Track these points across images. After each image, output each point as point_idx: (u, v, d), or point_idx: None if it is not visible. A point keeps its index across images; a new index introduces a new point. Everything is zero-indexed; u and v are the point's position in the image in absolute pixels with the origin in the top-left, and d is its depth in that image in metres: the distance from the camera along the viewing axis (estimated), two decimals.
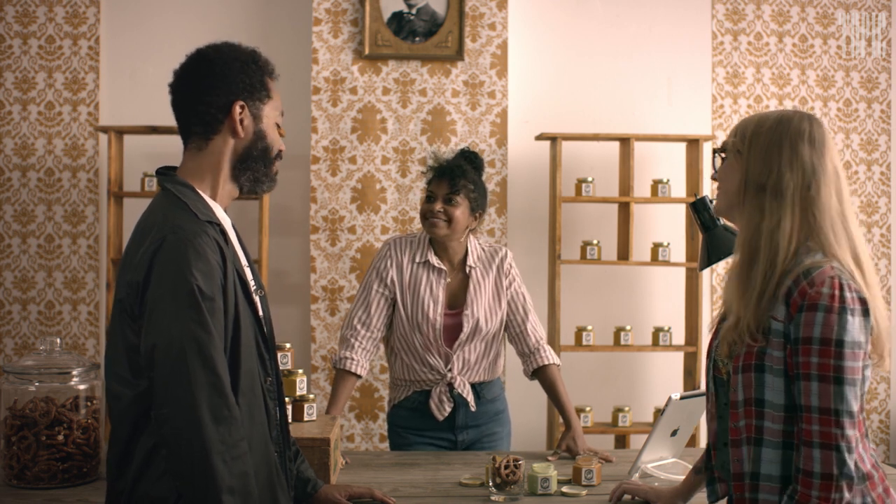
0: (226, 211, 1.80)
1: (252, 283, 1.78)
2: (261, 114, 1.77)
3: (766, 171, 1.66)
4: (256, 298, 1.77)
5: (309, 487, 2.07)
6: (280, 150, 1.83)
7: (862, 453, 1.60)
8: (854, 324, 1.56)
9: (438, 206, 2.68)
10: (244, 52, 1.78)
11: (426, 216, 2.70)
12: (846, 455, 1.54)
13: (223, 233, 1.72)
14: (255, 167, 1.78)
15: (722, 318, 1.80)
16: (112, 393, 1.64)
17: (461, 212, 2.69)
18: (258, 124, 1.77)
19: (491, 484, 2.18)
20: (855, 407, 1.56)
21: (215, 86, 1.72)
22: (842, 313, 1.55)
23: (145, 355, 1.58)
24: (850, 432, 1.55)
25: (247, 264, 1.81)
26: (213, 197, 1.76)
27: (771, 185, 1.65)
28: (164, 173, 1.77)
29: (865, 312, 1.58)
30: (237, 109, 1.73)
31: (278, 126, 1.83)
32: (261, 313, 1.78)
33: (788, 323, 1.59)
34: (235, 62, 1.74)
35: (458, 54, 4.19)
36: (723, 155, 1.77)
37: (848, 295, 1.57)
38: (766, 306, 1.62)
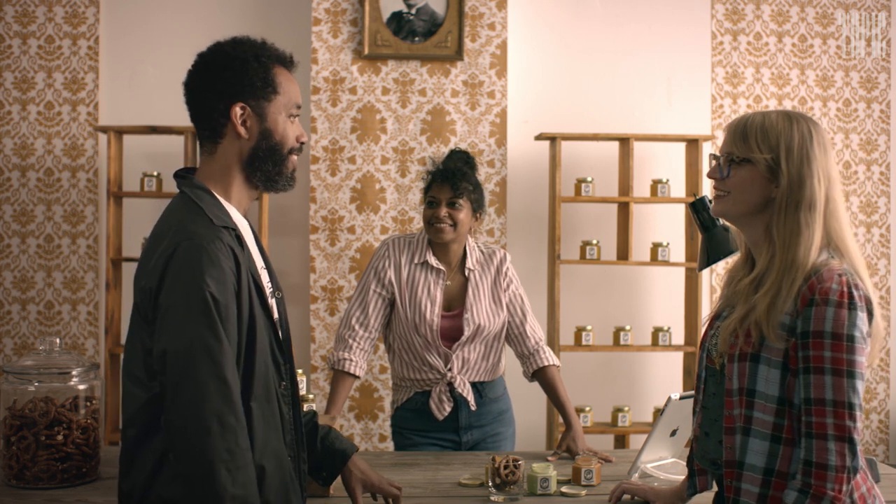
0: (245, 214, 1.78)
1: (268, 285, 1.76)
2: (265, 112, 1.72)
3: (799, 185, 1.65)
4: (272, 302, 1.76)
5: (337, 460, 2.01)
6: (296, 145, 1.77)
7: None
8: (862, 320, 1.59)
9: (444, 212, 2.67)
10: (247, 48, 1.72)
11: (431, 222, 2.68)
12: (857, 447, 1.57)
13: (238, 237, 1.70)
14: (264, 167, 1.74)
15: (718, 315, 1.80)
16: (127, 391, 1.65)
17: (465, 214, 2.69)
18: (263, 123, 1.72)
19: (490, 484, 2.17)
20: (861, 401, 1.58)
21: (213, 90, 1.70)
22: (851, 309, 1.57)
23: (157, 360, 1.58)
24: (860, 425, 1.58)
25: (263, 266, 1.79)
26: (229, 200, 1.74)
27: (805, 200, 1.65)
28: (183, 176, 1.75)
29: (870, 311, 1.61)
30: (237, 111, 1.69)
31: (293, 117, 1.76)
32: (276, 317, 1.76)
33: (795, 317, 1.61)
34: (235, 62, 1.70)
35: (458, 54, 4.19)
36: (734, 158, 1.71)
37: (855, 292, 1.59)
38: (781, 305, 1.63)
